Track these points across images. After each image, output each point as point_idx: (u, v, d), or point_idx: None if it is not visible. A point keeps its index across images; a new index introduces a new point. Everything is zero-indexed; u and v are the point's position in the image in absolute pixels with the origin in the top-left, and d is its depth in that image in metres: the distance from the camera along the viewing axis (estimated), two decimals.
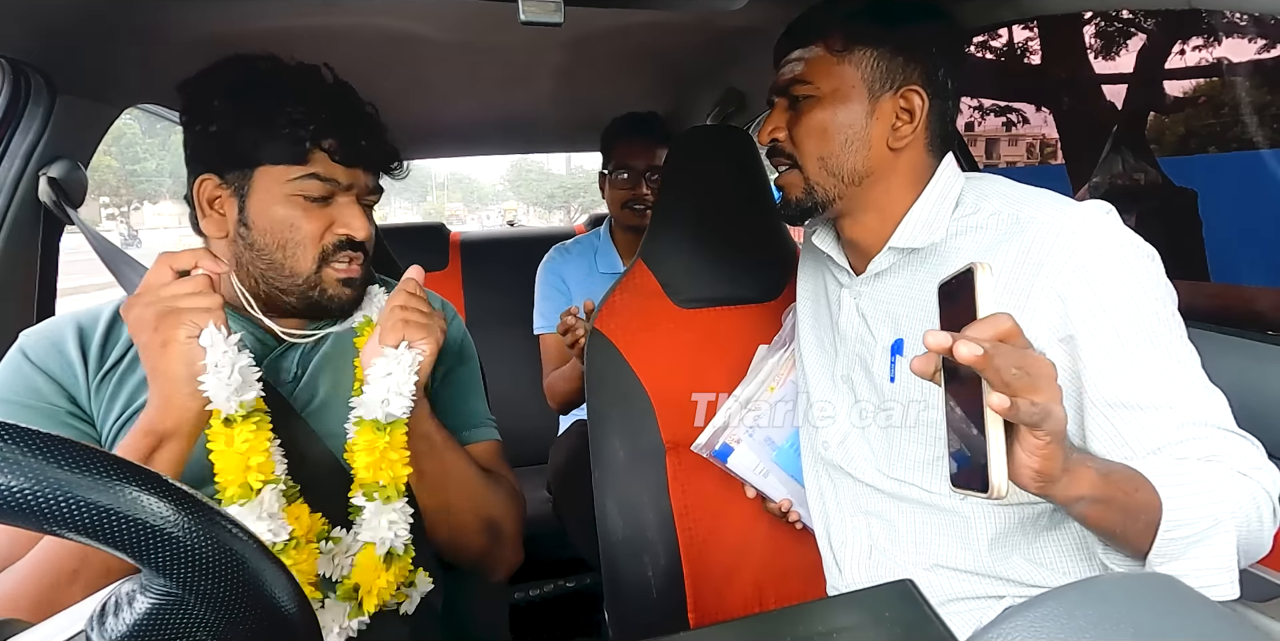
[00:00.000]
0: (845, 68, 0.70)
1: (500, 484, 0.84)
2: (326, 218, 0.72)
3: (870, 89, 0.70)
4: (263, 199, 0.71)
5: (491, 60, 1.23)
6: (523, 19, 0.71)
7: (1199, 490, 0.55)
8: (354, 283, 0.76)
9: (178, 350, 0.60)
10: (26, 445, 0.28)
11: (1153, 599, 0.32)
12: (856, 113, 0.71)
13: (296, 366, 0.77)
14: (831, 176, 0.72)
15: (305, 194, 0.71)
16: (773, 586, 0.97)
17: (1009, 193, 0.70)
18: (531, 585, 1.65)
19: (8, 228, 0.87)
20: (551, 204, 35.48)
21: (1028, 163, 3.35)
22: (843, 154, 0.71)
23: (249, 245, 0.72)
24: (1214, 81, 2.05)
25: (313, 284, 0.73)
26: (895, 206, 0.73)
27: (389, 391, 0.68)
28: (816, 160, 0.72)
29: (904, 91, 0.70)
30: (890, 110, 0.70)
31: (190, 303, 0.61)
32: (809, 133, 0.72)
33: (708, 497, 0.97)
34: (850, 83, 0.70)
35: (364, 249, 0.76)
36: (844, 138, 0.71)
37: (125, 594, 0.32)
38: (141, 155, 27.10)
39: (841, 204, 0.74)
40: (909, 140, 0.71)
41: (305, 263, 0.72)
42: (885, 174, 0.72)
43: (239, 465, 0.64)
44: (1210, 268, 2.22)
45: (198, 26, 0.94)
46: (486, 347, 0.94)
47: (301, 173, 0.70)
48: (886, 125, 0.71)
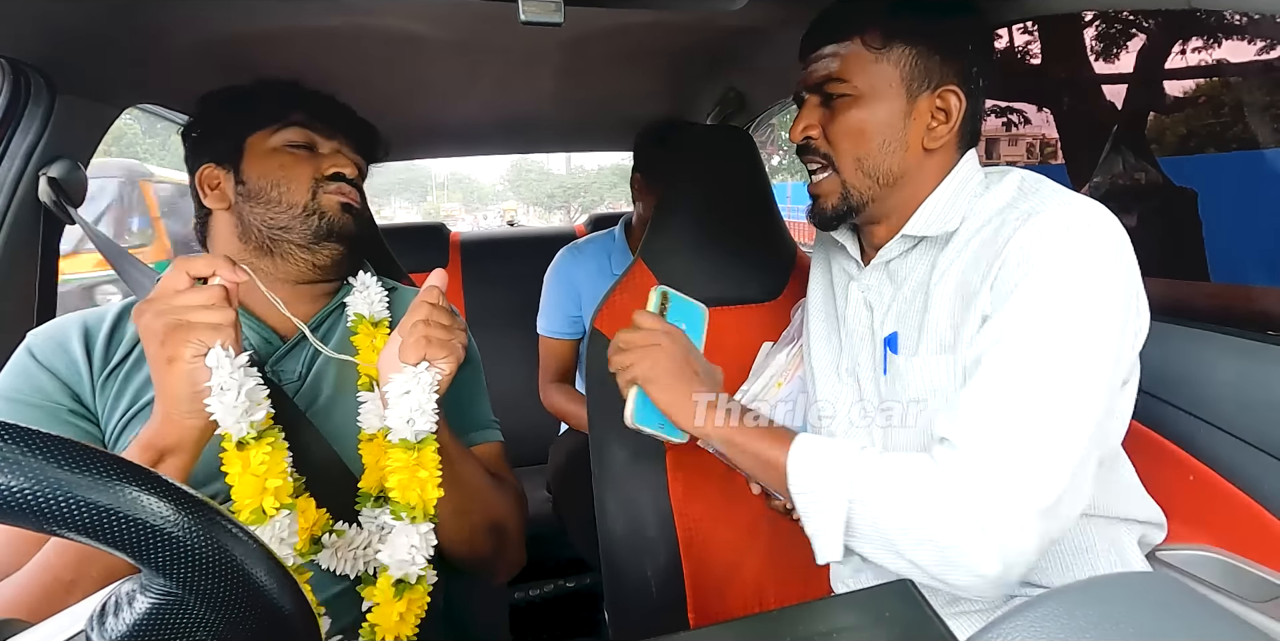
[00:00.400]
0: (883, 66, 0.68)
1: (505, 487, 0.84)
2: (314, 162, 0.78)
3: (908, 88, 0.68)
4: (254, 159, 0.77)
5: (491, 60, 1.23)
6: (523, 19, 0.71)
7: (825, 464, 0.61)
8: (353, 209, 0.79)
9: (182, 369, 0.58)
10: (27, 445, 0.28)
11: (1153, 599, 0.32)
12: (894, 113, 0.69)
13: (302, 366, 0.78)
14: (868, 178, 0.71)
15: (290, 142, 0.78)
16: (773, 586, 0.97)
17: (1024, 185, 0.68)
18: (531, 585, 1.65)
19: (8, 228, 0.87)
20: (551, 204, 35.45)
21: (1027, 162, 3.34)
22: (880, 155, 0.70)
23: (247, 197, 0.76)
24: (1214, 81, 2.05)
25: (311, 210, 0.76)
26: (916, 201, 0.72)
27: (411, 410, 0.66)
28: (853, 161, 0.71)
29: (941, 91, 0.68)
30: (927, 110, 0.69)
31: (201, 317, 0.59)
32: (845, 133, 0.70)
33: (708, 497, 0.97)
34: (888, 81, 0.68)
35: (357, 186, 0.81)
36: (882, 138, 0.69)
37: (125, 594, 0.32)
38: (141, 155, 27.06)
39: (874, 206, 0.73)
40: (945, 141, 0.70)
41: (300, 193, 0.76)
42: (917, 173, 0.71)
43: (255, 488, 0.63)
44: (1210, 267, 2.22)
45: (198, 27, 0.94)
46: (486, 348, 0.94)
47: (281, 126, 0.78)
48: (923, 125, 0.69)
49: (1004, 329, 0.59)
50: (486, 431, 0.88)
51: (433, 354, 0.67)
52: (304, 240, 0.76)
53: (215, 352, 0.58)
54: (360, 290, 0.81)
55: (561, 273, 1.59)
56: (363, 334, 0.78)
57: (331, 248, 0.77)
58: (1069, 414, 0.56)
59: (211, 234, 0.80)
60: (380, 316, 0.80)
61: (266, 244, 0.76)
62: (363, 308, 0.80)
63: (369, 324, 0.79)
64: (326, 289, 0.82)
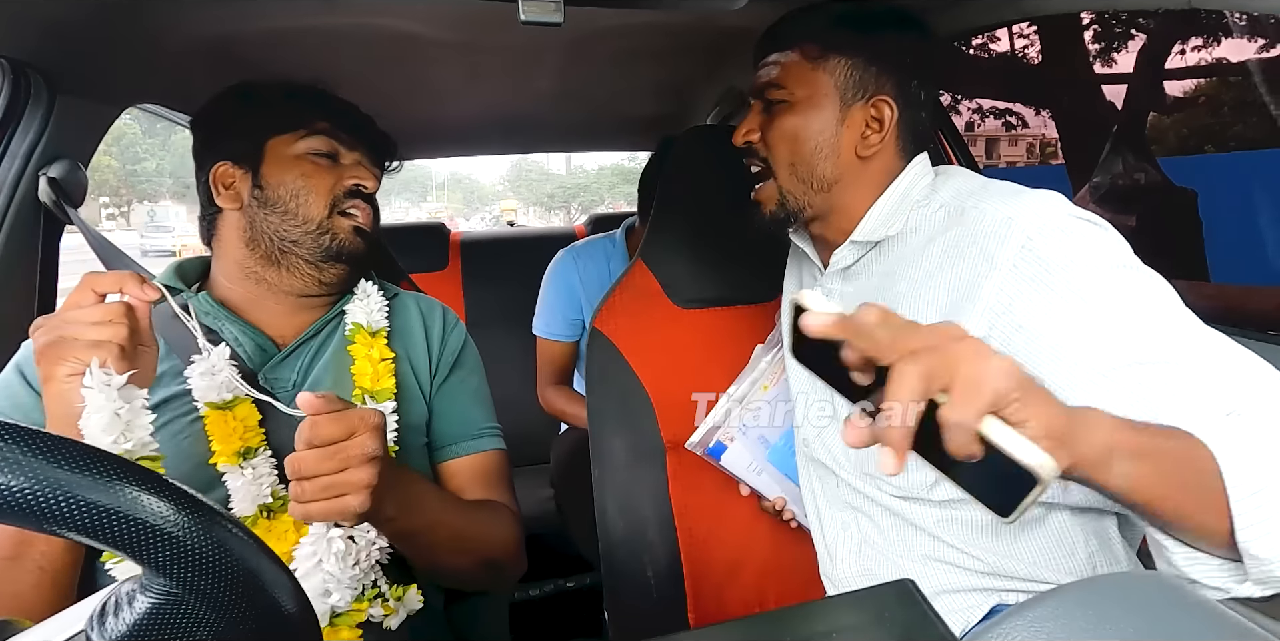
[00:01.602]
0: (819, 75, 0.72)
1: (495, 518, 0.79)
2: (336, 173, 0.77)
3: (842, 97, 0.71)
4: (275, 164, 0.76)
5: (492, 60, 1.23)
6: (523, 19, 0.71)
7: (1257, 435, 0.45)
8: (365, 232, 0.79)
9: (56, 389, 0.55)
10: (27, 445, 0.28)
11: (1153, 599, 0.32)
12: (828, 120, 0.72)
13: (296, 375, 0.76)
14: (801, 182, 0.74)
15: (314, 151, 0.77)
16: (773, 586, 0.97)
17: (964, 185, 0.71)
18: (531, 585, 1.65)
19: (8, 228, 0.87)
20: (551, 204, 35.46)
21: (1028, 162, 3.34)
22: (813, 160, 0.73)
23: (262, 203, 0.76)
24: (1214, 81, 2.05)
25: (324, 229, 0.76)
26: (860, 206, 0.74)
27: (325, 582, 0.60)
28: (787, 166, 0.74)
29: (874, 101, 0.71)
30: (860, 119, 0.72)
31: (80, 333, 0.55)
32: (781, 138, 0.74)
33: (708, 497, 0.97)
34: (823, 90, 0.72)
35: (373, 203, 0.80)
36: (814, 144, 0.72)
37: (125, 594, 0.32)
38: (141, 155, 27.13)
39: (811, 211, 0.75)
40: (877, 149, 0.72)
41: (317, 209, 0.75)
42: (853, 180, 0.73)
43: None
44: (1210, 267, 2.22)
45: (198, 27, 0.94)
46: (486, 348, 0.94)
47: (307, 133, 0.77)
48: (856, 133, 0.72)
49: (1087, 313, 0.55)
50: (483, 440, 0.84)
51: (322, 517, 0.56)
52: (312, 257, 0.76)
53: (93, 371, 0.54)
54: (361, 298, 0.80)
55: (561, 275, 1.58)
56: (360, 343, 0.77)
57: (339, 268, 0.77)
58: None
59: (218, 234, 0.79)
60: (379, 326, 0.79)
61: (275, 254, 0.76)
62: (361, 316, 0.78)
63: (366, 333, 0.78)
64: (328, 299, 0.81)
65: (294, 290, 0.78)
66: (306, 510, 0.54)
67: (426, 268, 2.05)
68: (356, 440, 0.54)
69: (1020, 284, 0.59)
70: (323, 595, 0.60)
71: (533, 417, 1.68)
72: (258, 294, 0.78)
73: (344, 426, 0.54)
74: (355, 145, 0.80)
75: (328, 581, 0.60)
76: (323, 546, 0.59)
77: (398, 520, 0.63)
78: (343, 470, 0.54)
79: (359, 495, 0.54)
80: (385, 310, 0.81)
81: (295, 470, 0.54)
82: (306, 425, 0.53)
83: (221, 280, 0.79)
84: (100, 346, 0.55)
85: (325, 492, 0.54)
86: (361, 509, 0.54)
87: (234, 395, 0.69)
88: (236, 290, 0.78)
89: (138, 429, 0.56)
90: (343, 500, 0.54)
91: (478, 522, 0.76)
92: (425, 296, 0.90)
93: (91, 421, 0.54)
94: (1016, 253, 0.60)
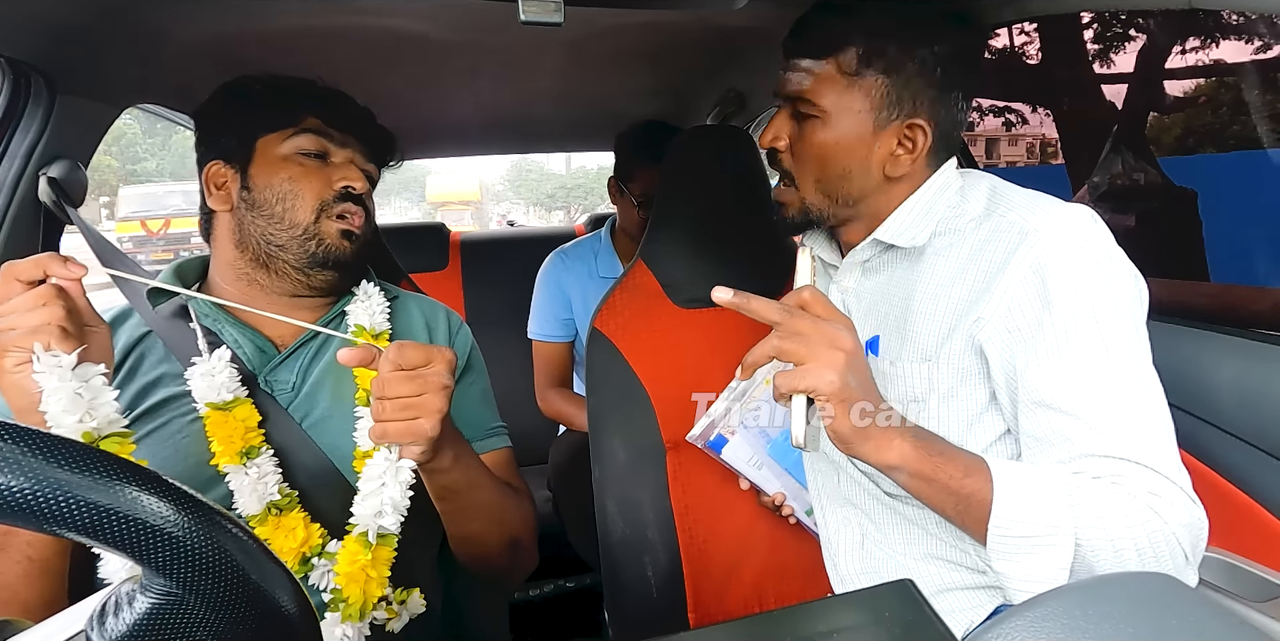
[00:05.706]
0: (854, 93, 0.67)
1: (520, 497, 0.81)
2: (325, 174, 0.75)
3: (876, 117, 0.68)
4: (263, 164, 0.75)
5: (492, 60, 1.23)
6: (523, 19, 0.71)
7: (1045, 496, 0.54)
8: (354, 236, 0.77)
9: (10, 381, 0.55)
10: (26, 445, 0.28)
11: (1153, 599, 0.32)
12: (858, 141, 0.69)
13: (295, 376, 0.76)
14: (826, 198, 0.72)
15: (302, 150, 0.75)
16: (773, 586, 0.97)
17: (992, 192, 0.70)
18: (531, 585, 1.65)
19: (8, 228, 0.87)
20: (552, 204, 35.43)
21: (1028, 162, 3.36)
22: (839, 179, 0.71)
23: (250, 205, 0.74)
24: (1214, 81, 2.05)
25: (311, 234, 0.74)
26: (884, 212, 0.73)
27: (383, 504, 0.63)
28: (813, 182, 0.72)
29: (910, 122, 0.68)
30: (893, 138, 0.69)
31: (19, 321, 0.54)
32: (808, 155, 0.71)
33: (708, 497, 0.97)
34: (857, 108, 0.68)
35: (364, 205, 0.78)
36: (843, 166, 0.70)
37: (125, 594, 0.32)
38: (141, 155, 27.09)
39: (833, 220, 0.75)
40: (907, 170, 0.70)
41: (304, 213, 0.74)
42: (878, 195, 0.72)
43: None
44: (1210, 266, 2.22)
45: (198, 27, 0.94)
46: (487, 348, 0.93)
47: (295, 132, 0.75)
48: (887, 152, 0.69)
49: (1052, 348, 0.60)
50: (492, 439, 0.85)
51: (397, 436, 0.59)
52: (299, 263, 0.75)
53: (40, 355, 0.54)
54: (362, 299, 0.80)
55: (550, 276, 1.60)
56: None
57: (327, 274, 0.76)
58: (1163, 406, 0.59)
59: (214, 234, 0.79)
60: (381, 328, 0.79)
61: (263, 257, 0.75)
62: (363, 318, 0.78)
63: (370, 335, 0.77)
64: (326, 299, 0.81)
65: (285, 292, 0.77)
66: (384, 428, 0.58)
67: (426, 267, 2.05)
68: (434, 368, 0.59)
69: (1023, 296, 0.62)
70: (375, 515, 0.63)
71: (532, 417, 1.67)
72: (251, 295, 0.77)
73: (425, 354, 0.59)
74: (347, 143, 0.78)
75: (385, 503, 0.62)
76: (391, 472, 0.62)
77: (451, 471, 0.66)
78: (420, 395, 0.57)
79: (431, 418, 0.58)
80: (387, 311, 0.80)
81: (379, 390, 0.57)
82: (394, 348, 0.58)
83: (218, 280, 0.79)
84: (39, 330, 0.54)
85: (403, 413, 0.57)
86: (433, 433, 0.58)
87: (234, 395, 0.69)
88: (231, 291, 0.78)
89: (102, 406, 0.56)
90: (418, 422, 0.58)
91: (507, 496, 0.78)
92: (427, 299, 0.90)
93: (51, 403, 0.54)
94: (1028, 269, 0.61)
